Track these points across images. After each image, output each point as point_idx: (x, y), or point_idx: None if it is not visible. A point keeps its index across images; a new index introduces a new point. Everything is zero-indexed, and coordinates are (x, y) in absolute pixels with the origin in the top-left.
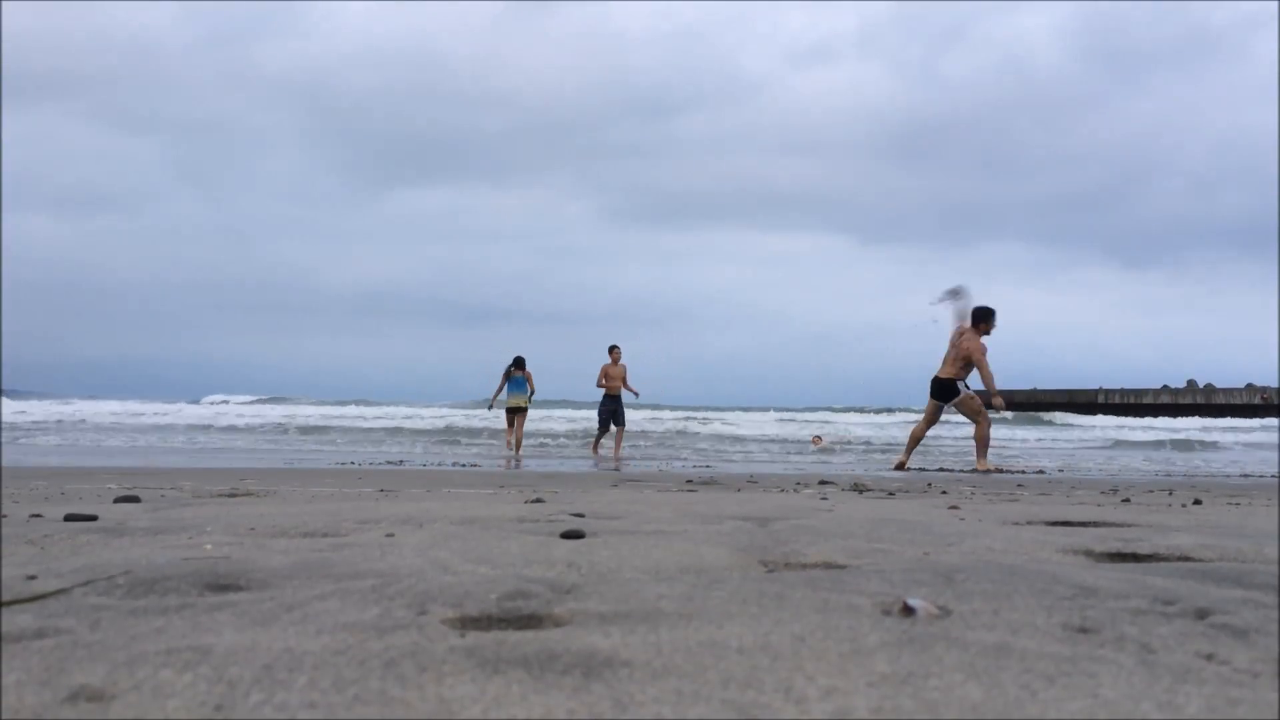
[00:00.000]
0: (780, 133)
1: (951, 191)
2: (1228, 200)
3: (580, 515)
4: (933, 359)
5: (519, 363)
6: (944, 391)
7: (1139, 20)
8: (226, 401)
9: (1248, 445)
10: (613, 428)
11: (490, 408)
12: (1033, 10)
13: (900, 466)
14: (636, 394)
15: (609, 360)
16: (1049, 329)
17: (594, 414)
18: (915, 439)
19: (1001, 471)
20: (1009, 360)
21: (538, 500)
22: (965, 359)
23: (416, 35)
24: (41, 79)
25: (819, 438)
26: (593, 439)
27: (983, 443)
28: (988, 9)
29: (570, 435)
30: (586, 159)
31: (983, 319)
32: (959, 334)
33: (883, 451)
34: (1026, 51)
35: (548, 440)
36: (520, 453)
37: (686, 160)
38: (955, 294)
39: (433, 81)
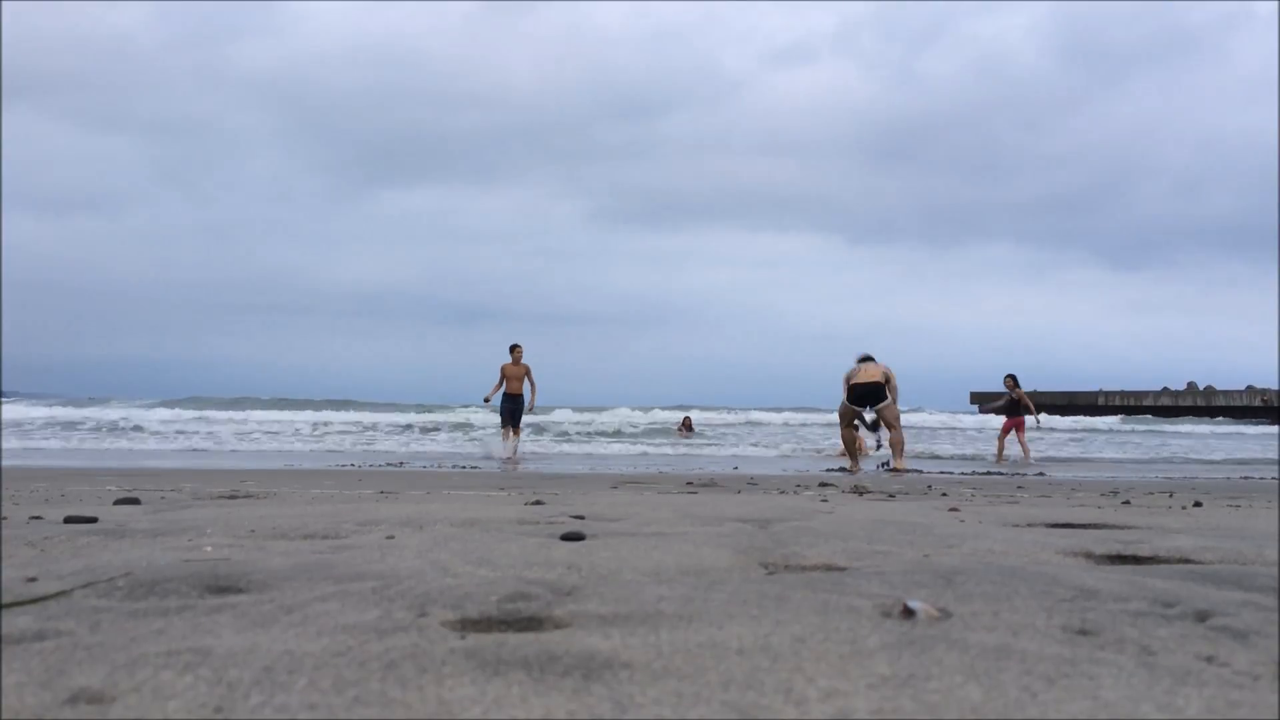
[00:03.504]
0: (762, 133)
1: (937, 192)
2: (1214, 201)
3: (580, 517)
4: (935, 359)
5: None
6: (874, 395)
7: (1114, 20)
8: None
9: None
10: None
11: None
12: (1009, 10)
13: (854, 470)
14: (532, 405)
15: (510, 360)
16: (1042, 330)
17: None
18: (852, 443)
19: (912, 472)
20: (1006, 361)
21: (538, 502)
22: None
23: (393, 34)
24: (15, 79)
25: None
26: (501, 432)
27: (900, 445)
28: (965, 9)
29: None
30: (571, 160)
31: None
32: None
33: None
34: (1005, 51)
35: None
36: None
37: (671, 161)
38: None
39: (411, 81)
